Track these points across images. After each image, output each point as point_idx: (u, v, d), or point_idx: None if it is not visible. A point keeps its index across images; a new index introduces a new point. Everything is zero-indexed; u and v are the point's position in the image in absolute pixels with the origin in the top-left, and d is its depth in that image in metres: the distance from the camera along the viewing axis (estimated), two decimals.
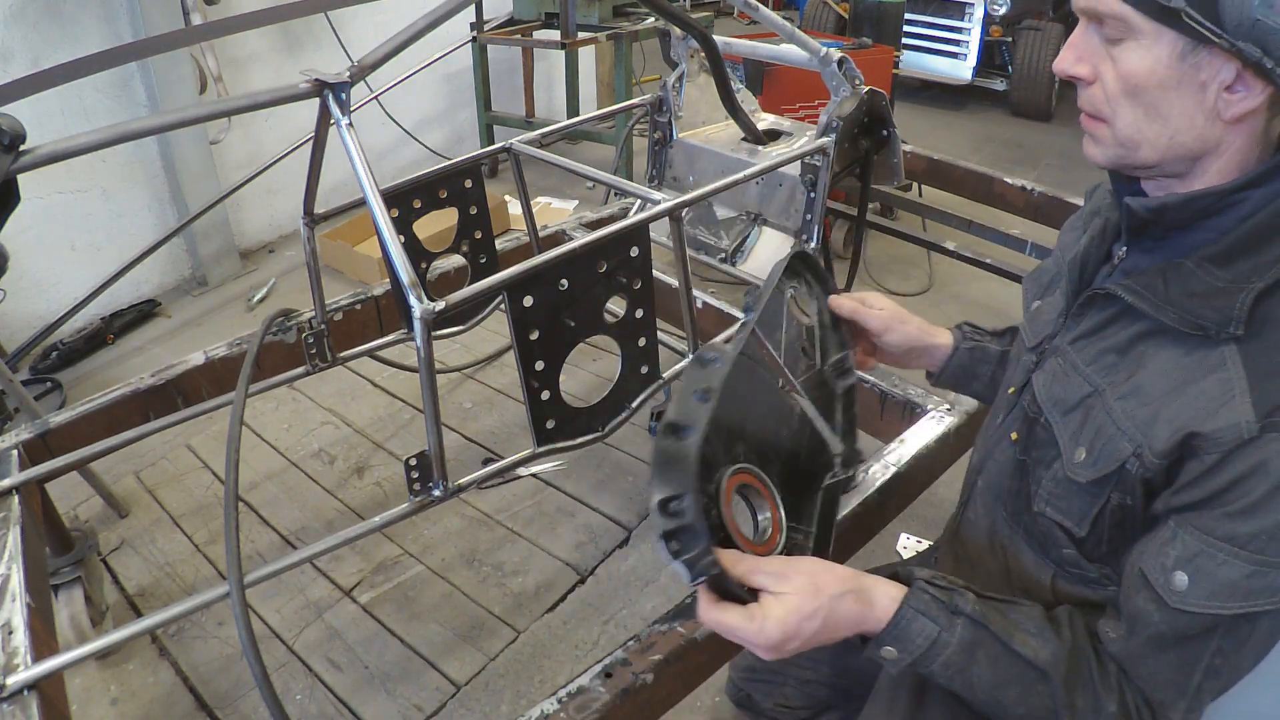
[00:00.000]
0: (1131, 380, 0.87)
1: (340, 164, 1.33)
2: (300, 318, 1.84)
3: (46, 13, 2.87)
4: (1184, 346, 0.83)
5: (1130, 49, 0.81)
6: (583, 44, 4.02)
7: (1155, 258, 0.91)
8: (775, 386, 1.05)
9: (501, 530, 2.27)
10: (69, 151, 1.10)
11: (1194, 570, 0.78)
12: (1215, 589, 0.78)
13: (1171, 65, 0.80)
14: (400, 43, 1.32)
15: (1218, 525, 0.78)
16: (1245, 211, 0.84)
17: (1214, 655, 0.81)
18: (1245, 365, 0.79)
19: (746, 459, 0.93)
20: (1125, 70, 0.82)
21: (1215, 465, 0.77)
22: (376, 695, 1.84)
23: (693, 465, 0.81)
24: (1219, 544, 0.77)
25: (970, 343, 1.26)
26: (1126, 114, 0.84)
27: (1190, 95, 0.81)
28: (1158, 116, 0.83)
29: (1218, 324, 0.80)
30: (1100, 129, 0.88)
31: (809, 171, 2.07)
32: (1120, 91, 0.83)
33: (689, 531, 0.79)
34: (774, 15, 2.05)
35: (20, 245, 2.95)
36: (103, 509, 2.31)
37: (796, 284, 1.19)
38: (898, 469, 1.47)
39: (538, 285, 1.23)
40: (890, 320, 1.20)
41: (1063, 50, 0.88)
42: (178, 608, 1.24)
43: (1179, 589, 0.79)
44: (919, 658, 0.86)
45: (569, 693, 1.06)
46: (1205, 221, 0.86)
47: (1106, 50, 0.84)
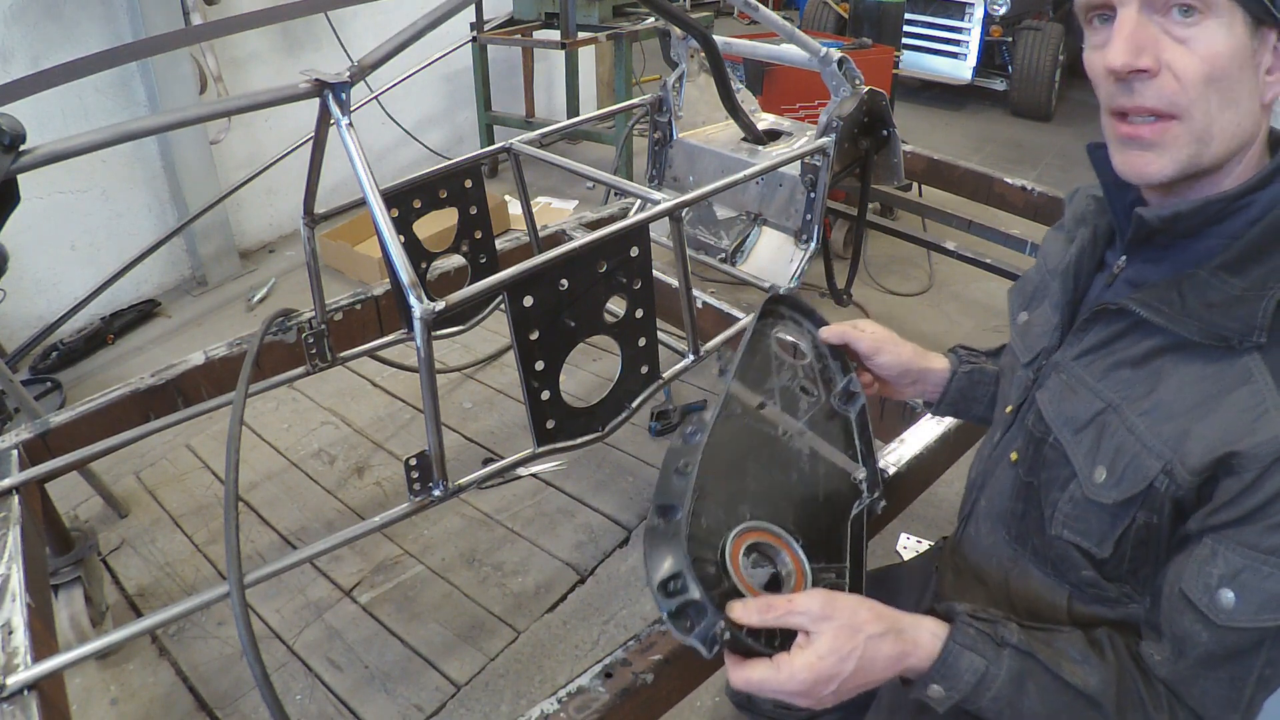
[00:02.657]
0: (1153, 395, 0.83)
1: (340, 164, 1.33)
2: (300, 318, 1.84)
3: (46, 13, 2.87)
4: (1205, 359, 0.80)
5: (1210, 29, 0.75)
6: (583, 44, 4.02)
7: (1163, 268, 0.87)
8: (776, 435, 1.04)
9: (501, 530, 2.27)
10: (69, 151, 1.10)
11: (1240, 586, 0.76)
12: (1264, 602, 0.75)
13: (1246, 44, 0.76)
14: (400, 43, 1.32)
15: (1261, 539, 0.75)
16: (1253, 215, 0.81)
17: (1265, 666, 0.78)
18: (1274, 375, 0.76)
19: (755, 516, 0.92)
20: (1208, 51, 0.75)
21: (1255, 481, 0.74)
22: (376, 695, 1.84)
23: (683, 543, 0.82)
24: (1265, 557, 0.75)
25: (968, 366, 1.22)
26: (1204, 103, 0.77)
27: (1251, 77, 0.78)
28: (1232, 102, 0.78)
29: (1240, 334, 0.77)
30: (1170, 130, 0.79)
31: (809, 171, 2.07)
32: (1201, 77, 0.76)
33: (694, 607, 0.80)
34: (774, 15, 2.05)
35: (20, 245, 2.95)
36: (103, 509, 2.31)
37: (781, 326, 1.19)
38: (898, 469, 1.46)
39: (538, 285, 1.23)
40: (881, 342, 1.18)
41: (1114, 43, 0.78)
42: (178, 608, 1.24)
43: (1226, 607, 0.76)
44: (968, 694, 0.83)
45: (569, 693, 1.06)
46: (1213, 228, 0.83)
47: (1168, 36, 0.77)
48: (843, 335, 1.19)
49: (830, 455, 1.08)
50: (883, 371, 1.19)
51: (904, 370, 1.19)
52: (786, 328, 1.20)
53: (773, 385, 1.13)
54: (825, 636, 0.79)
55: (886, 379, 1.21)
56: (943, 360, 1.22)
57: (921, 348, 1.21)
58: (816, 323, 1.21)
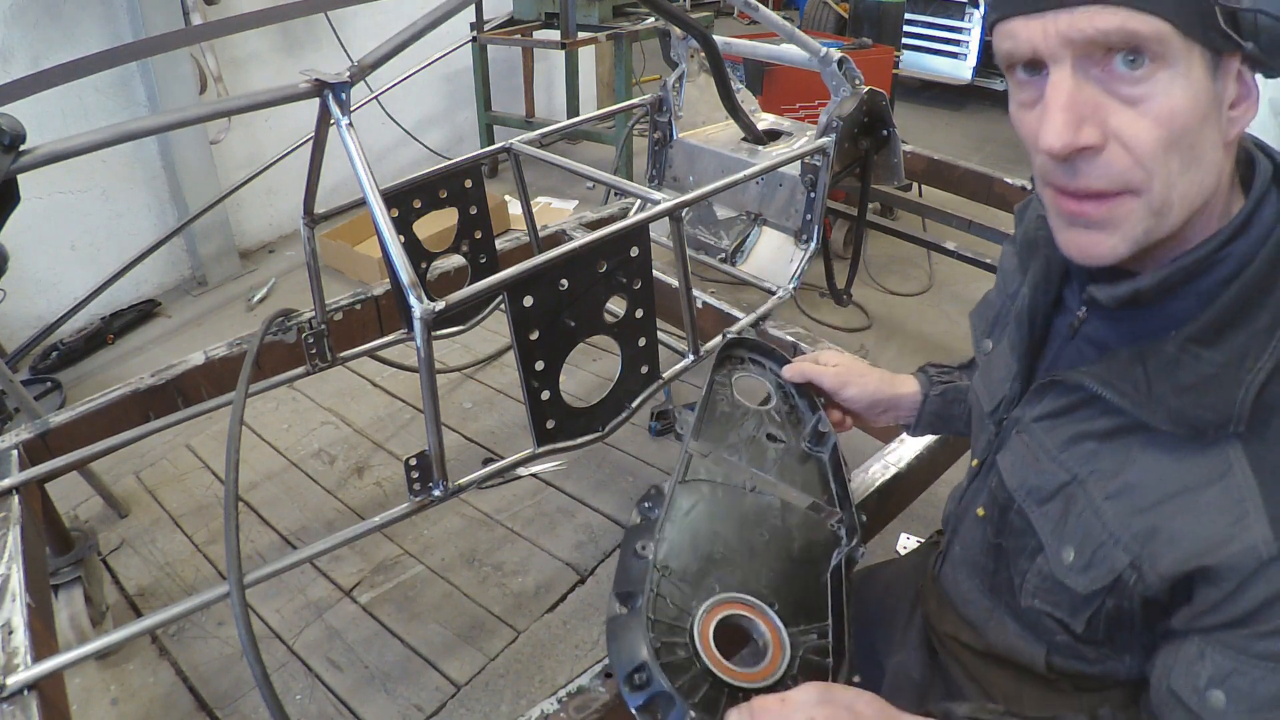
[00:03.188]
0: (1120, 477, 0.74)
1: (340, 164, 1.33)
2: (300, 318, 1.84)
3: (46, 13, 2.87)
4: (1178, 444, 0.70)
5: (1163, 83, 0.62)
6: (583, 44, 4.02)
7: (1122, 330, 0.77)
8: (743, 493, 1.00)
9: (501, 530, 2.27)
10: (69, 151, 1.10)
11: (1231, 689, 0.69)
12: (1257, 704, 0.68)
13: (1208, 89, 0.63)
14: (400, 43, 1.32)
15: (1250, 644, 0.67)
16: (1227, 271, 0.69)
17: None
18: (1254, 469, 0.66)
19: (725, 587, 0.88)
20: (1165, 111, 0.62)
21: (1235, 591, 0.67)
22: (376, 695, 1.84)
23: (645, 632, 0.78)
24: (1254, 661, 0.67)
25: (940, 386, 1.16)
26: (1163, 172, 0.64)
27: (1215, 125, 0.65)
28: (1194, 161, 0.65)
29: (1216, 425, 0.67)
30: (1123, 205, 0.66)
31: (809, 171, 2.06)
32: (1158, 144, 0.63)
33: (662, 697, 0.76)
34: (774, 15, 2.05)
35: (20, 245, 2.95)
36: (103, 509, 2.31)
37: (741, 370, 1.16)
38: (898, 469, 1.46)
39: (538, 285, 1.23)
40: (846, 375, 1.14)
41: (1049, 116, 0.64)
42: (178, 608, 1.24)
43: (1217, 708, 0.69)
44: None
45: (569, 693, 1.06)
46: (1182, 288, 0.71)
47: (1114, 97, 0.64)
48: (804, 373, 1.14)
49: (802, 504, 1.03)
50: (852, 405, 1.15)
51: (873, 401, 1.14)
52: (747, 370, 1.17)
53: (735, 438, 1.08)
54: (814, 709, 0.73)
55: (857, 411, 1.16)
56: (912, 383, 1.17)
57: (889, 373, 1.17)
58: (778, 362, 1.18)
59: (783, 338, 1.87)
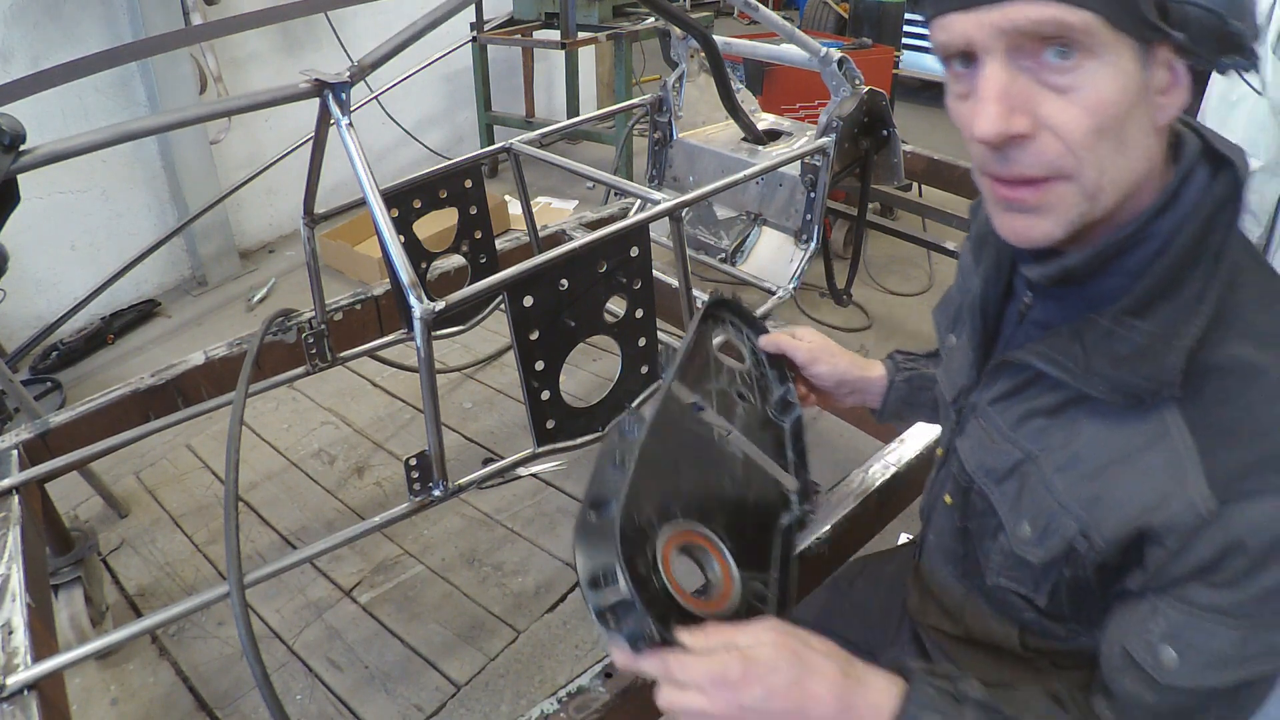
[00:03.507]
0: (1068, 449, 0.76)
1: (340, 164, 1.33)
2: (300, 318, 1.84)
3: (46, 13, 2.87)
4: (1118, 414, 0.73)
5: (1092, 72, 0.64)
6: (583, 44, 4.02)
7: (1065, 308, 0.80)
8: (711, 438, 1.02)
9: (501, 530, 2.27)
10: (69, 151, 1.10)
11: (1182, 645, 0.70)
12: (1208, 661, 0.69)
13: (1136, 78, 0.65)
14: (400, 43, 1.32)
15: (1199, 596, 0.69)
16: (1156, 246, 0.72)
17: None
18: (1191, 431, 0.69)
19: (686, 516, 0.89)
20: (1094, 100, 0.65)
21: (1180, 550, 0.69)
22: (376, 695, 1.84)
23: (615, 539, 0.78)
24: (1205, 614, 0.69)
25: (905, 372, 1.19)
26: (1093, 157, 0.67)
27: (1144, 112, 0.67)
28: (1123, 147, 0.67)
29: (1152, 391, 0.69)
30: (1055, 190, 0.69)
31: (809, 171, 2.06)
32: (1087, 131, 0.66)
33: (622, 609, 0.76)
34: (774, 15, 2.05)
35: (20, 245, 2.95)
36: (103, 509, 2.31)
37: (721, 329, 1.18)
38: (897, 469, 1.46)
39: (538, 285, 1.23)
40: (818, 353, 1.16)
41: (982, 109, 0.67)
42: (178, 608, 1.24)
43: (1169, 666, 0.71)
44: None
45: (569, 693, 1.06)
46: (1111, 265, 0.74)
47: (1045, 87, 0.66)
48: (779, 345, 1.17)
49: (762, 463, 1.06)
50: (819, 382, 1.17)
51: (840, 380, 1.17)
52: (727, 331, 1.19)
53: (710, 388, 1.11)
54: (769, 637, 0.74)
55: (824, 389, 1.19)
56: (880, 368, 1.19)
57: (860, 357, 1.20)
58: (756, 330, 1.21)
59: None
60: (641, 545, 0.82)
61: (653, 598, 0.78)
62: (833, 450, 2.58)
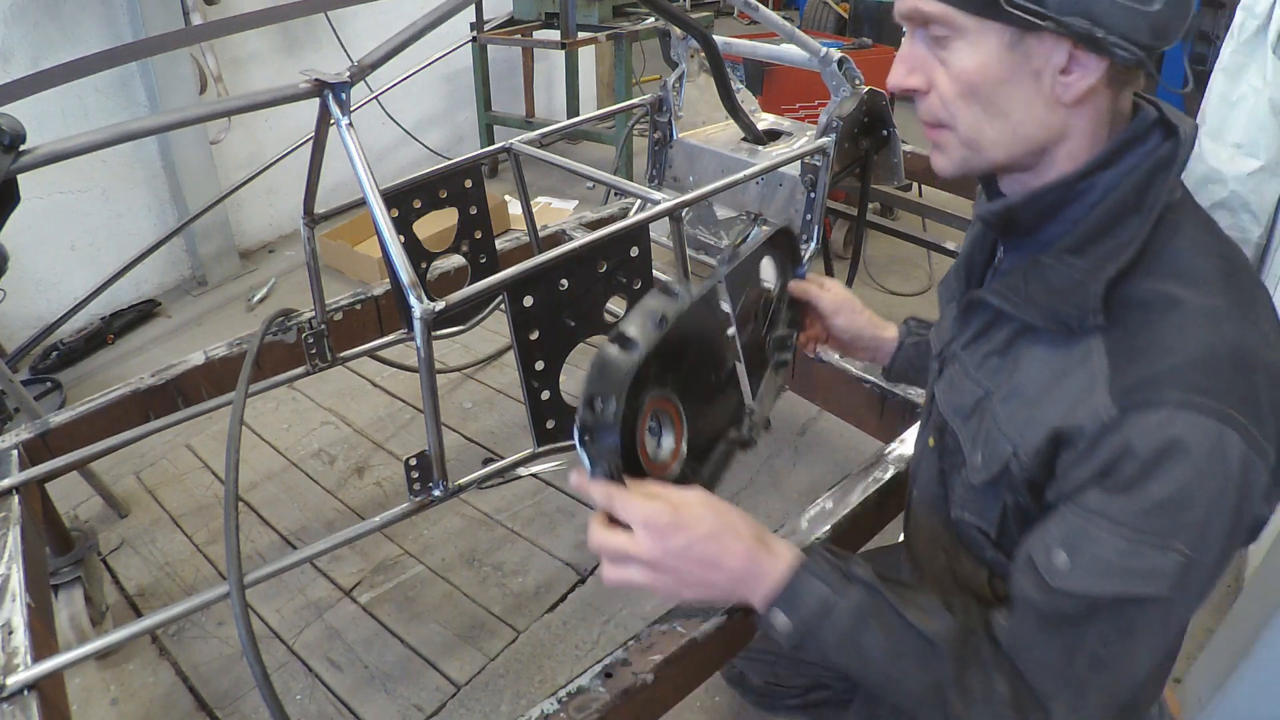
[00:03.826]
0: (1012, 381, 0.86)
1: (340, 164, 1.33)
2: (300, 318, 1.84)
3: (46, 13, 2.87)
4: (1053, 343, 0.83)
5: (959, 49, 0.80)
6: (583, 44, 4.02)
7: (1021, 256, 0.90)
8: (720, 336, 1.12)
9: (501, 530, 2.27)
10: (69, 151, 1.10)
11: (1073, 549, 0.77)
12: (1093, 567, 0.76)
13: (1002, 58, 0.79)
14: (400, 43, 1.32)
15: (1093, 500, 0.76)
16: (1096, 197, 0.83)
17: (1097, 643, 0.78)
18: (1108, 355, 0.78)
19: (674, 388, 0.98)
20: (957, 71, 0.81)
21: (1085, 452, 0.76)
22: (376, 695, 1.84)
23: (627, 378, 0.86)
24: (1096, 519, 0.76)
25: (914, 337, 1.31)
26: (966, 115, 0.83)
27: (1026, 85, 0.80)
28: (997, 113, 0.81)
29: (1078, 318, 0.79)
30: (943, 136, 0.87)
31: (809, 171, 2.06)
32: (956, 94, 0.82)
33: (604, 429, 0.85)
34: (774, 15, 2.05)
35: (20, 245, 2.95)
36: (103, 509, 2.31)
37: (773, 258, 1.28)
38: (897, 469, 1.46)
39: (538, 285, 1.23)
40: (841, 306, 1.30)
41: (893, 65, 0.86)
42: (178, 608, 1.24)
43: (1060, 568, 0.78)
44: (811, 626, 0.84)
45: (569, 693, 1.06)
46: (1061, 213, 0.85)
47: (936, 56, 0.83)
48: (807, 293, 1.30)
49: (741, 379, 1.16)
50: (838, 333, 1.32)
51: (857, 335, 1.31)
52: (775, 260, 1.29)
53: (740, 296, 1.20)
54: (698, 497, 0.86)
55: (841, 340, 1.33)
56: (894, 330, 1.32)
57: (879, 317, 1.32)
58: (797, 272, 1.33)
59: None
60: (637, 393, 0.89)
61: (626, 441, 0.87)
62: (833, 450, 2.58)
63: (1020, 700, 0.81)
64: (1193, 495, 0.72)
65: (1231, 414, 0.72)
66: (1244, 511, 0.74)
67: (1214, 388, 0.72)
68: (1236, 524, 0.74)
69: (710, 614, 1.17)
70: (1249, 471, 0.73)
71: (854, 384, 1.75)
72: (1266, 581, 1.70)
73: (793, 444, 2.62)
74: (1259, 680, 1.37)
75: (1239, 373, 0.74)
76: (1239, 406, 0.73)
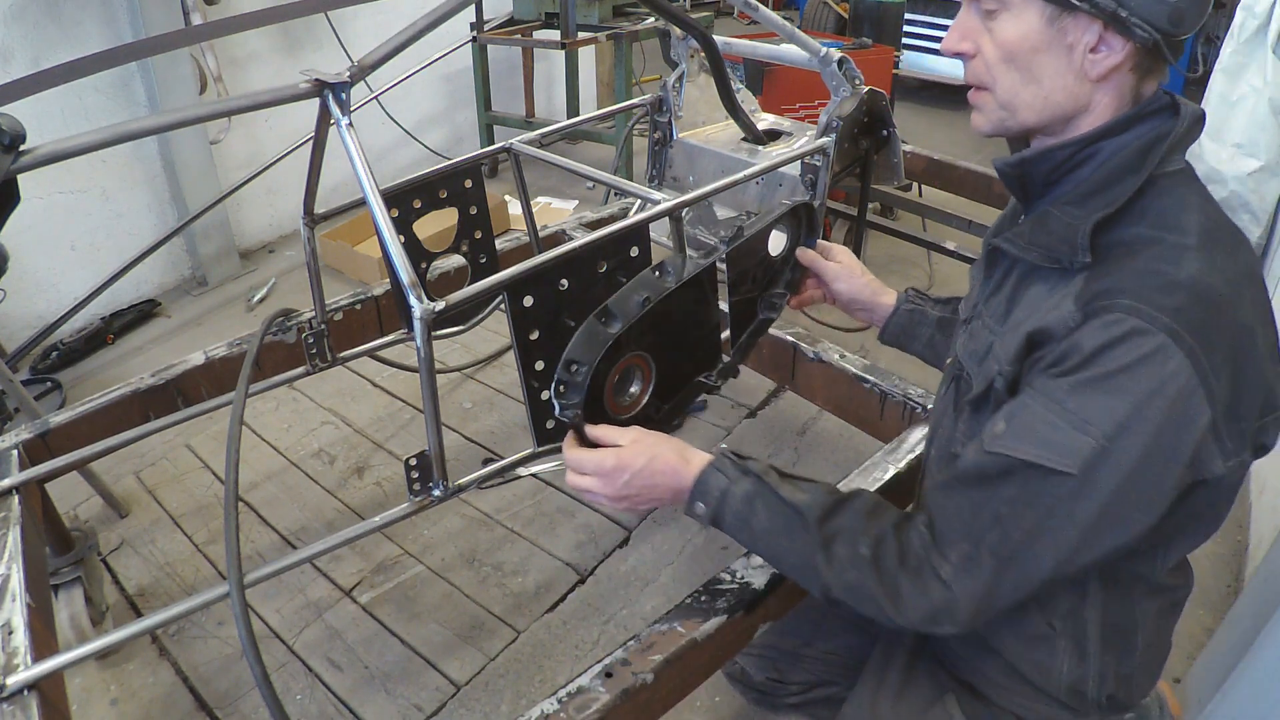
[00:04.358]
0: (1011, 318, 0.97)
1: (340, 164, 1.33)
2: (300, 318, 1.84)
3: (46, 13, 2.87)
4: (1048, 281, 0.93)
5: (1004, 20, 0.92)
6: (583, 44, 4.02)
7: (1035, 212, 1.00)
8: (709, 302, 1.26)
9: (501, 530, 2.27)
10: (69, 151, 1.10)
11: (1010, 416, 0.89)
12: (1019, 431, 0.86)
13: (1041, 30, 0.90)
14: (400, 43, 1.31)
15: (1038, 382, 0.87)
16: (1101, 160, 0.93)
17: (1003, 503, 0.87)
18: (1087, 280, 0.88)
19: (650, 347, 1.18)
20: (1001, 39, 0.92)
21: (1049, 350, 0.87)
22: (376, 695, 1.84)
23: (600, 350, 1.08)
24: (1035, 394, 0.87)
25: (911, 305, 1.41)
26: (1005, 79, 0.94)
27: (1060, 57, 0.90)
28: (1032, 79, 0.92)
29: (1068, 256, 0.89)
30: (983, 98, 0.98)
31: (809, 171, 2.06)
32: (999, 59, 0.93)
33: (573, 389, 1.09)
34: (774, 15, 2.05)
35: (20, 245, 2.95)
36: (103, 509, 2.31)
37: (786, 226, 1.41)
38: (897, 469, 1.46)
39: (538, 285, 1.23)
40: (842, 273, 1.43)
41: (948, 33, 0.98)
42: (178, 608, 1.24)
43: (996, 432, 0.89)
44: (717, 509, 1.04)
45: (569, 693, 1.06)
46: (1070, 174, 0.96)
47: (985, 26, 0.94)
48: (812, 262, 1.44)
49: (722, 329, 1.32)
50: (838, 297, 1.46)
51: (854, 299, 1.44)
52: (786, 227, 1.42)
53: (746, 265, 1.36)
54: (628, 437, 1.09)
55: (839, 303, 1.46)
56: (893, 296, 1.43)
57: (879, 283, 1.44)
58: (809, 240, 1.45)
59: (783, 338, 1.87)
60: (614, 357, 1.11)
61: (593, 395, 1.11)
62: (833, 450, 2.59)
63: (881, 558, 0.93)
64: (1121, 389, 0.81)
65: (1179, 332, 0.80)
66: (1174, 430, 0.81)
67: (1167, 305, 0.81)
68: (1161, 439, 0.81)
69: (710, 614, 1.17)
70: (1187, 393, 0.80)
71: (854, 384, 1.75)
72: (1266, 581, 1.70)
73: (793, 444, 2.62)
74: (1259, 680, 1.37)
75: (1198, 303, 0.82)
76: (1189, 328, 0.80)
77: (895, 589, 0.92)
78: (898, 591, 0.92)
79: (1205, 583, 2.07)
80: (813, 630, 1.42)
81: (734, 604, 1.18)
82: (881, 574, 0.93)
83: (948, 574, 0.90)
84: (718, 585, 1.22)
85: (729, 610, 1.17)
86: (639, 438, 1.09)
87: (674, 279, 1.17)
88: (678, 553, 2.19)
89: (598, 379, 1.10)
